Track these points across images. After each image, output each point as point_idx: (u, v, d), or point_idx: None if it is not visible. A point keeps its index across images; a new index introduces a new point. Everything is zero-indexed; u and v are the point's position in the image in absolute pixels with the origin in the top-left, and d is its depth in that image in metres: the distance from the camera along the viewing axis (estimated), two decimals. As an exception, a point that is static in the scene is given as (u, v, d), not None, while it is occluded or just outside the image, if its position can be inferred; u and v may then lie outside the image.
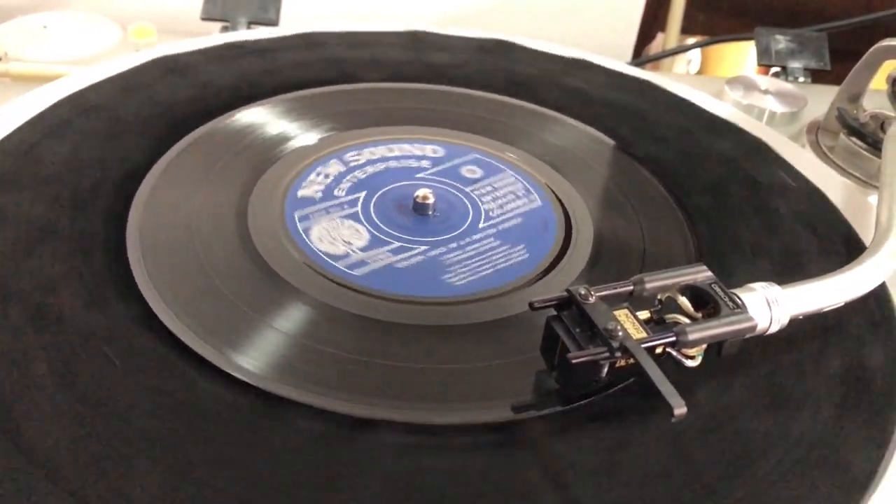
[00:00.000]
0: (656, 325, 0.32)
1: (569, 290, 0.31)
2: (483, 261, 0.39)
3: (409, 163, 0.46)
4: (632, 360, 0.29)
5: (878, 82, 0.57)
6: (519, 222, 0.42)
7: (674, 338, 0.30)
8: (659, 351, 0.30)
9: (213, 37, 0.56)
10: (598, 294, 0.31)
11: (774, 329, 0.33)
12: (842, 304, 0.35)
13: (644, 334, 0.30)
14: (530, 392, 0.32)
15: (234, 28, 0.64)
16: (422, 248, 0.39)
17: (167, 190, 0.41)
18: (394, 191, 0.43)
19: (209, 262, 0.37)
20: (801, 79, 0.68)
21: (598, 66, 0.57)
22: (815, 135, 0.59)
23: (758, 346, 0.34)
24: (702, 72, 1.02)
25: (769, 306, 0.32)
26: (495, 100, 0.52)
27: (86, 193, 0.40)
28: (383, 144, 0.47)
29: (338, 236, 0.39)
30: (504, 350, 0.34)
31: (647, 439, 0.30)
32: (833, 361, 0.34)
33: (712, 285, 0.32)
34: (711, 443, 0.30)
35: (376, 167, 0.45)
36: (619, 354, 0.29)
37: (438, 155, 0.47)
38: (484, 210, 0.43)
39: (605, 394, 0.32)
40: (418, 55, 0.56)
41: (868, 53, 0.56)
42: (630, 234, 0.42)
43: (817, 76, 0.68)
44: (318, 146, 0.46)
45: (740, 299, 0.32)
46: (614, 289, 0.32)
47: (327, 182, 0.43)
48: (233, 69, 0.52)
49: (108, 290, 0.35)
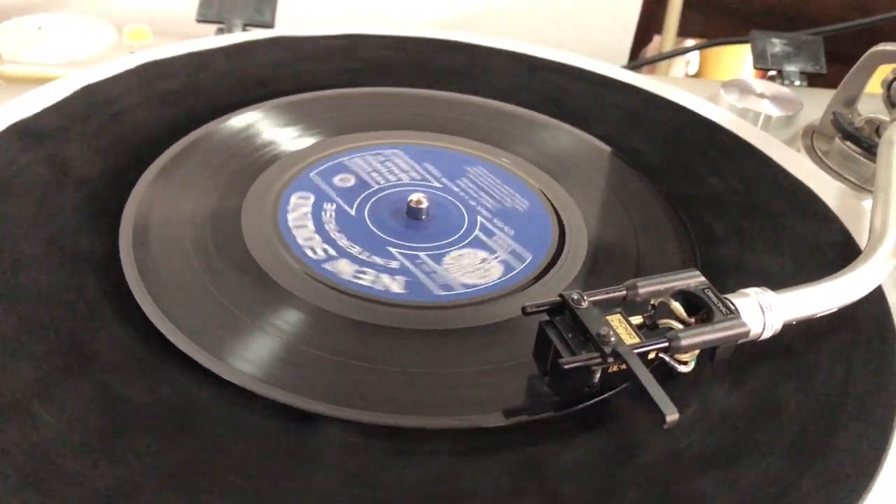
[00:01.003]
0: (649, 330, 0.32)
1: (562, 295, 0.31)
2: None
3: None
4: (624, 366, 0.29)
5: (873, 86, 0.57)
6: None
7: (666, 343, 0.30)
8: (652, 356, 0.30)
9: (205, 40, 0.56)
10: (590, 299, 0.31)
11: (768, 335, 0.33)
12: (836, 309, 0.35)
13: (637, 340, 0.30)
14: (522, 397, 0.32)
15: (229, 30, 0.64)
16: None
17: (160, 195, 0.41)
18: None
19: (202, 267, 0.37)
20: (797, 82, 0.68)
21: (591, 71, 0.57)
22: (811, 139, 0.59)
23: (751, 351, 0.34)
24: (699, 74, 1.02)
25: (763, 312, 0.32)
26: (488, 105, 0.52)
27: (78, 199, 0.40)
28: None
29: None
30: (496, 355, 0.34)
31: (640, 445, 0.30)
32: (827, 367, 0.34)
33: (705, 290, 0.32)
34: (703, 448, 0.30)
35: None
36: (611, 360, 0.29)
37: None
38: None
39: (597, 399, 0.32)
40: (403, 59, 0.56)
41: (863, 58, 0.56)
42: (624, 238, 0.42)
43: (813, 79, 0.68)
44: (309, 152, 0.46)
45: (733, 304, 0.32)
46: (607, 293, 0.32)
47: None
48: (218, 73, 0.52)
49: (101, 296, 0.34)
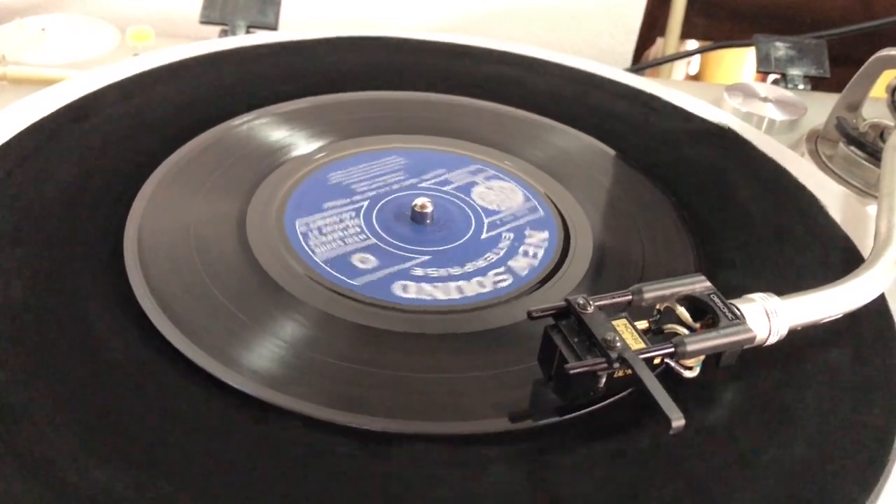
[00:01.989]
0: (655, 335, 0.31)
1: (567, 300, 0.31)
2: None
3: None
4: (630, 371, 0.29)
5: (877, 91, 0.57)
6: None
7: (672, 349, 0.30)
8: (657, 361, 0.30)
9: (208, 42, 0.56)
10: (596, 304, 0.31)
11: (773, 340, 0.33)
12: (840, 315, 0.35)
13: (642, 345, 0.30)
14: (528, 402, 0.32)
15: (232, 32, 0.64)
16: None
17: (164, 199, 0.41)
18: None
19: (207, 271, 0.37)
20: (801, 86, 0.68)
21: (596, 74, 0.57)
22: (815, 143, 0.59)
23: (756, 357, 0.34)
24: (700, 76, 1.02)
25: (768, 317, 0.32)
26: (492, 108, 0.52)
27: (83, 201, 0.40)
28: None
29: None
30: (502, 359, 0.34)
31: (646, 451, 0.30)
32: (831, 372, 0.34)
33: (711, 296, 0.32)
34: (710, 454, 0.30)
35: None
36: (617, 365, 0.29)
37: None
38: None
39: (602, 404, 0.32)
40: (408, 62, 0.56)
41: (868, 63, 0.56)
42: (629, 243, 0.42)
43: (817, 83, 0.68)
44: (313, 157, 0.46)
45: (739, 310, 0.32)
46: (613, 298, 0.32)
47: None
48: (226, 76, 0.52)
49: (105, 299, 0.34)
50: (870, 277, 0.35)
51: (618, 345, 0.29)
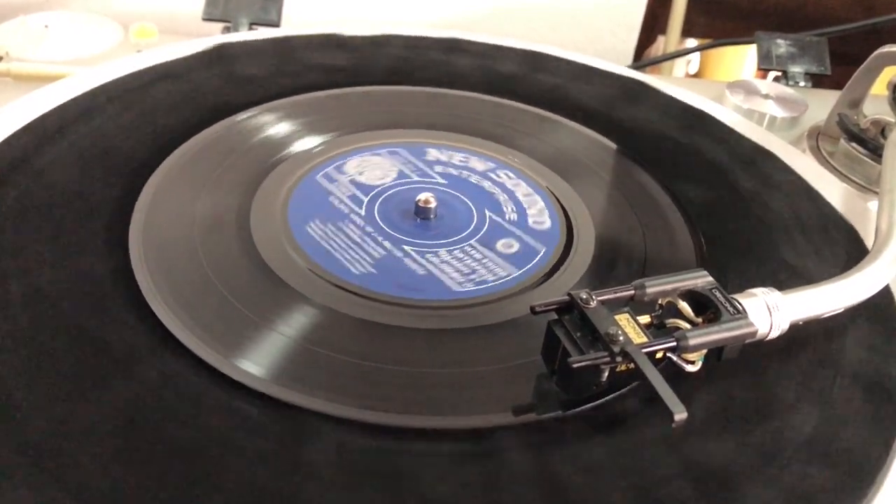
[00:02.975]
0: (657, 329, 0.32)
1: (570, 294, 0.31)
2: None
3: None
4: (632, 365, 0.29)
5: (878, 88, 0.57)
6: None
7: (674, 343, 0.30)
8: (659, 356, 0.30)
9: (211, 39, 0.56)
10: (599, 298, 0.31)
11: (775, 335, 0.33)
12: (842, 309, 0.35)
13: (645, 339, 0.30)
14: (531, 396, 0.32)
15: (235, 29, 0.64)
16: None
17: (168, 195, 0.41)
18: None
19: (212, 267, 0.37)
20: (802, 83, 0.68)
21: (598, 69, 0.57)
22: (816, 140, 0.59)
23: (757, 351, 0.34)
24: (700, 73, 1.02)
25: (770, 312, 0.32)
26: (496, 103, 0.52)
27: (86, 198, 0.40)
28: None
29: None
30: (505, 354, 0.34)
31: (648, 444, 0.30)
32: (833, 367, 0.34)
33: (713, 290, 0.32)
34: (712, 447, 0.30)
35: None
36: (619, 359, 0.29)
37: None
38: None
39: (605, 398, 0.32)
40: (410, 57, 0.56)
41: (869, 59, 0.56)
42: (631, 238, 0.42)
43: (818, 80, 0.68)
44: (314, 153, 0.46)
45: (741, 305, 0.32)
46: (615, 293, 0.32)
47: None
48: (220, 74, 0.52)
49: (111, 296, 0.35)
50: (871, 272, 0.35)
51: (620, 339, 0.30)
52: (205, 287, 0.36)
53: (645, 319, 0.32)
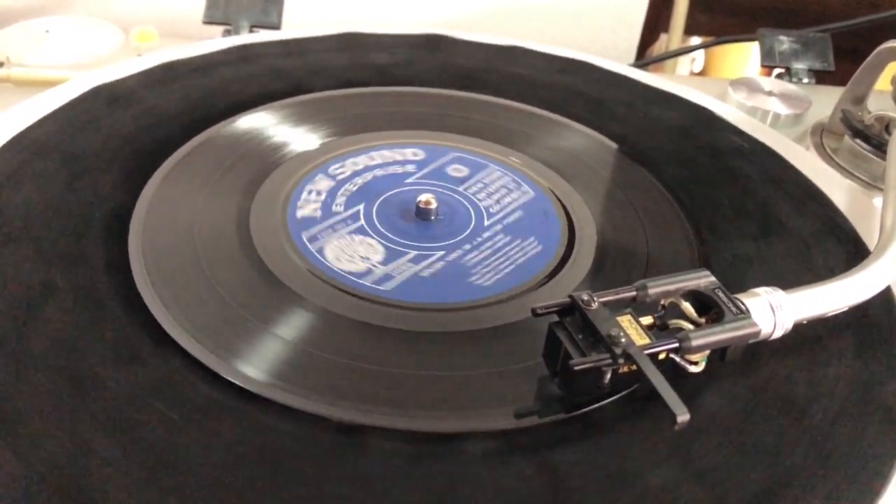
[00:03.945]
0: (659, 330, 0.31)
1: (571, 296, 0.31)
2: (486, 266, 0.39)
3: (405, 169, 0.45)
4: (635, 367, 0.29)
5: (882, 84, 0.57)
6: (522, 226, 0.42)
7: (677, 344, 0.30)
8: (662, 357, 0.30)
9: (211, 42, 0.56)
10: (600, 300, 0.31)
11: (778, 334, 0.33)
12: (846, 308, 0.35)
13: (647, 340, 0.30)
14: (532, 398, 0.32)
15: (235, 32, 0.64)
16: (429, 253, 0.39)
17: (168, 197, 0.41)
18: (394, 197, 0.43)
19: (211, 272, 0.37)
20: (805, 80, 0.67)
21: (599, 67, 0.57)
22: (820, 137, 0.59)
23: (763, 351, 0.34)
24: (705, 71, 1.02)
25: (773, 311, 0.32)
26: (497, 103, 0.52)
27: (86, 200, 0.40)
28: (380, 149, 0.47)
29: (348, 246, 0.39)
30: (506, 356, 0.34)
31: (651, 446, 0.30)
32: (837, 368, 0.34)
33: (716, 290, 0.32)
34: (716, 449, 0.30)
35: (374, 174, 0.44)
36: (621, 361, 0.29)
37: (436, 158, 0.46)
38: (485, 214, 0.42)
39: (608, 400, 0.32)
40: (410, 58, 0.56)
41: (872, 55, 0.55)
42: (633, 239, 0.42)
43: (821, 77, 0.68)
44: (314, 154, 0.46)
45: (744, 304, 0.32)
46: (617, 294, 0.32)
47: (322, 199, 0.43)
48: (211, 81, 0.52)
49: (109, 297, 0.34)
50: (875, 270, 0.35)
51: (622, 340, 0.29)
52: (204, 289, 0.36)
53: (647, 320, 0.31)
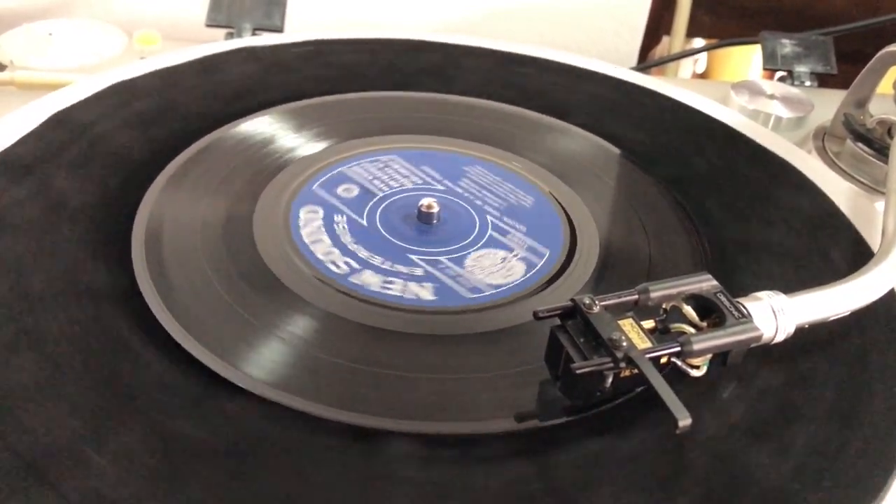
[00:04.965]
0: (661, 334, 0.31)
1: (573, 300, 0.31)
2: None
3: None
4: (636, 371, 0.29)
5: (884, 87, 0.57)
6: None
7: (678, 348, 0.30)
8: (664, 361, 0.30)
9: (214, 45, 0.56)
10: (602, 303, 0.31)
11: (780, 338, 0.33)
12: (848, 312, 0.34)
13: (649, 344, 0.30)
14: (534, 402, 0.32)
15: (238, 35, 0.64)
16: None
17: (172, 200, 0.41)
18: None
19: (215, 272, 0.37)
20: (808, 83, 0.67)
21: (599, 72, 0.57)
22: (822, 140, 0.59)
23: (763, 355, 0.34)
24: (707, 73, 1.02)
25: (775, 315, 0.32)
26: (496, 108, 0.52)
27: (90, 203, 0.40)
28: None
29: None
30: (508, 360, 0.34)
31: (653, 450, 0.30)
32: (840, 371, 0.34)
33: (717, 294, 0.32)
34: (719, 455, 0.30)
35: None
36: (623, 364, 0.29)
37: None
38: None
39: (610, 404, 0.32)
40: (412, 61, 0.56)
41: (874, 59, 0.55)
42: (635, 242, 0.42)
43: (823, 80, 0.68)
44: (316, 159, 0.46)
45: (746, 308, 0.32)
46: (619, 298, 0.32)
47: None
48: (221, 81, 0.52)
49: (111, 300, 0.35)
50: (877, 274, 0.35)
51: (624, 344, 0.29)
52: (206, 291, 0.36)
53: (649, 324, 0.31)
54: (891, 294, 0.36)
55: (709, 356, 0.31)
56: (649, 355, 0.29)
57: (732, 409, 0.32)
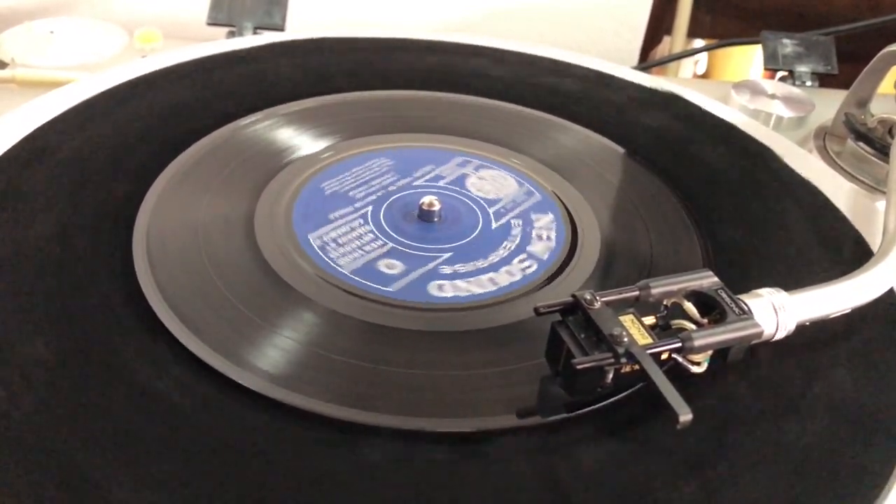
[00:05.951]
0: (662, 330, 0.31)
1: (574, 296, 0.31)
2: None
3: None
4: (637, 367, 0.29)
5: (885, 87, 0.57)
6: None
7: (679, 344, 0.30)
8: (664, 357, 0.30)
9: (215, 44, 0.56)
10: (603, 299, 0.31)
11: (781, 335, 0.33)
12: (849, 310, 0.34)
13: (650, 340, 0.30)
14: (535, 398, 0.32)
15: (239, 33, 0.64)
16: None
17: (172, 200, 0.41)
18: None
19: (217, 271, 0.37)
20: (809, 83, 0.67)
21: (602, 70, 0.57)
22: (823, 140, 0.59)
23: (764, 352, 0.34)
24: (708, 74, 1.02)
25: (776, 312, 0.32)
26: (499, 106, 0.52)
27: (90, 203, 0.40)
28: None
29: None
30: (509, 356, 0.34)
31: (654, 445, 0.30)
32: (839, 368, 0.34)
33: (718, 291, 0.32)
34: (721, 449, 0.30)
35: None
36: (624, 360, 0.29)
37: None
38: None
39: (610, 400, 0.32)
40: (414, 61, 0.56)
41: (875, 59, 0.55)
42: (636, 239, 0.42)
43: (824, 80, 0.68)
44: (319, 157, 0.46)
45: (746, 305, 0.32)
46: (620, 294, 0.32)
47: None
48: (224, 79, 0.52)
49: (113, 298, 0.35)
50: (878, 273, 0.35)
51: (625, 340, 0.29)
52: (209, 290, 0.36)
53: (650, 320, 0.31)
54: (891, 293, 0.36)
55: (709, 353, 0.31)
56: (650, 351, 0.29)
57: (731, 407, 0.32)
